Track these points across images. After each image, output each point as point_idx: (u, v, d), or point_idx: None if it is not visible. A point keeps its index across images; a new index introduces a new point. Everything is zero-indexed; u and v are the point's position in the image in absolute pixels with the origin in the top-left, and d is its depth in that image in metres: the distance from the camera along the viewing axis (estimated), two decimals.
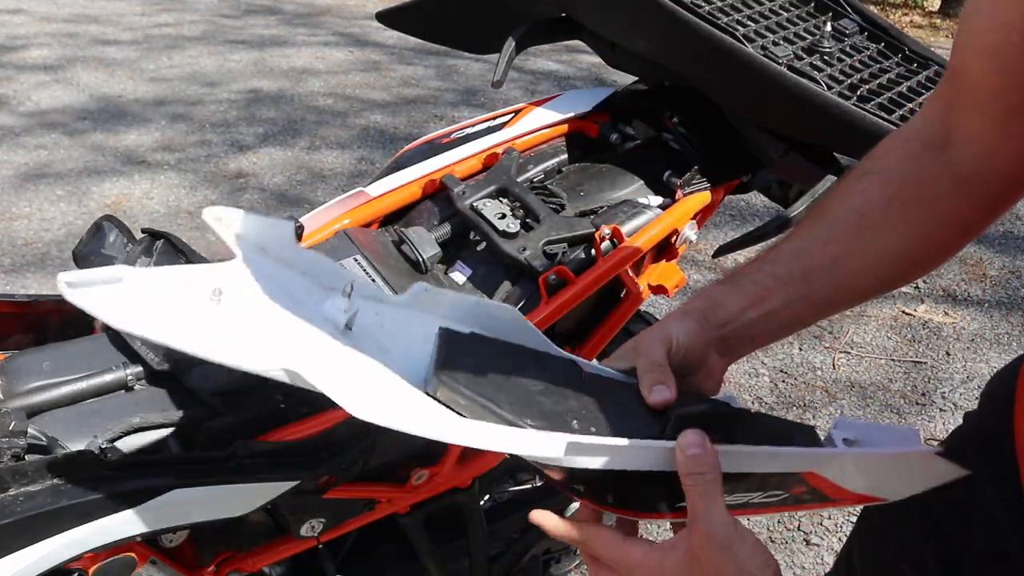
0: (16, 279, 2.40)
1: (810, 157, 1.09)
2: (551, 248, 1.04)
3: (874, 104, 1.02)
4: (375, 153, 3.38)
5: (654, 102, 1.24)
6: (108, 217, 0.99)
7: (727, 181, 1.18)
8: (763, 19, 1.13)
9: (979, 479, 0.72)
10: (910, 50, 1.19)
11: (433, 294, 0.62)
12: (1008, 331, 2.54)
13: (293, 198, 2.98)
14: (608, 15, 1.15)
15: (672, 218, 1.09)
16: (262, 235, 0.62)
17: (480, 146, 1.17)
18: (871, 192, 0.66)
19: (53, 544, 0.69)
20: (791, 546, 1.75)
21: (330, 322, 0.58)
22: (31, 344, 0.94)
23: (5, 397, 0.81)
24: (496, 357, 0.58)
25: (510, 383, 0.56)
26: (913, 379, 2.30)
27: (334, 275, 0.62)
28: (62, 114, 3.50)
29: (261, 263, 0.61)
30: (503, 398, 0.54)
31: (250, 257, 0.60)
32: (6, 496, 0.69)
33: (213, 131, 3.47)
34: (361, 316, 0.60)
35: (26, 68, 3.95)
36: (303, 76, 4.18)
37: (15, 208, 2.76)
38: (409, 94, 4.08)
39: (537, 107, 1.22)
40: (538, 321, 0.99)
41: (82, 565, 0.77)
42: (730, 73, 1.05)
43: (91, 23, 4.72)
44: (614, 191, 1.14)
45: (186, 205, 2.87)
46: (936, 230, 0.65)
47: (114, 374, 0.85)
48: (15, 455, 0.72)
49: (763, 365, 2.30)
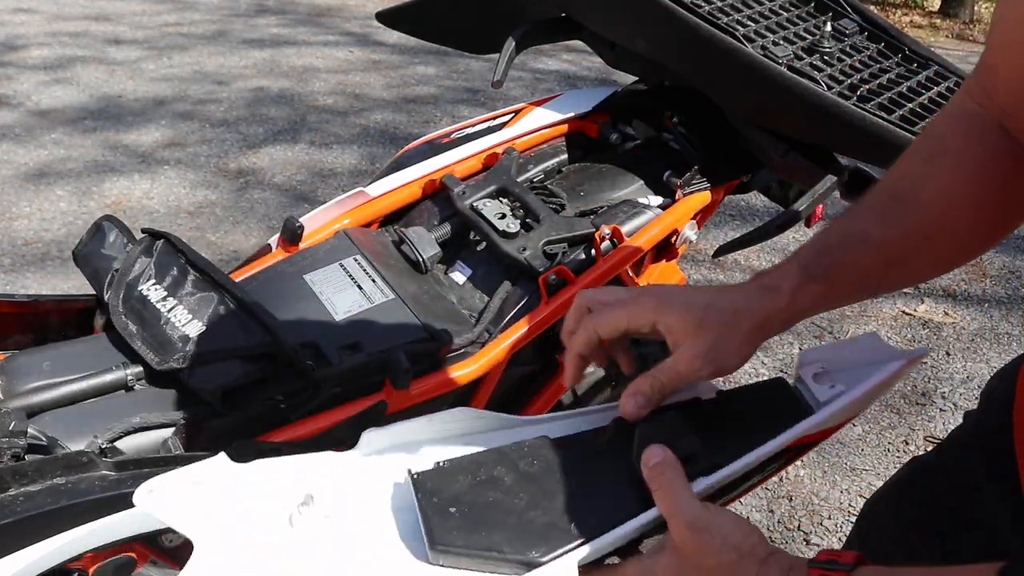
0: (16, 279, 2.39)
1: (810, 157, 1.09)
2: (551, 248, 1.04)
3: (874, 104, 1.02)
4: (376, 153, 3.38)
5: (654, 102, 1.24)
6: (108, 217, 0.99)
7: (727, 181, 1.18)
8: (763, 19, 1.13)
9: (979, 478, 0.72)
10: (910, 50, 1.19)
11: (381, 435, 0.62)
12: (1008, 331, 2.54)
13: (294, 198, 2.98)
14: (608, 15, 1.15)
15: (672, 218, 1.10)
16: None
17: (480, 146, 1.17)
18: (952, 175, 0.64)
19: (53, 544, 0.69)
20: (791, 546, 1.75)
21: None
22: (31, 344, 0.94)
23: (5, 397, 0.81)
24: (472, 484, 0.58)
25: (498, 512, 0.57)
26: (913, 379, 2.30)
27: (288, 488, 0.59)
28: (62, 114, 3.50)
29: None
30: (500, 539, 0.55)
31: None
32: (6, 496, 0.69)
33: (214, 131, 3.46)
34: (324, 504, 0.58)
35: (26, 67, 3.95)
36: (304, 76, 4.18)
37: (15, 208, 2.76)
38: (410, 94, 4.08)
39: (537, 107, 1.23)
40: (538, 321, 0.99)
41: (82, 565, 0.77)
42: (730, 73, 1.05)
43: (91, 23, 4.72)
44: (614, 191, 1.14)
45: (186, 205, 2.87)
46: (1016, 200, 0.64)
47: (114, 374, 0.85)
48: (15, 455, 0.72)
49: (763, 364, 2.30)
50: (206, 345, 0.86)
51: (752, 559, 0.52)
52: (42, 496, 0.70)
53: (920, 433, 2.08)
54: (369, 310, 0.97)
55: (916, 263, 0.66)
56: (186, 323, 0.87)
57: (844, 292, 0.64)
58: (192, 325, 0.87)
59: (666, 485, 0.55)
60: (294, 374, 0.87)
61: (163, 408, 0.84)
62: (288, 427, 0.86)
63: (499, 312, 1.01)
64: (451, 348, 0.96)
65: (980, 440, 0.74)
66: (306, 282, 1.00)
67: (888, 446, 2.02)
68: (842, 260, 0.63)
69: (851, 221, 0.65)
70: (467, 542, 0.55)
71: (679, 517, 0.54)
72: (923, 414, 2.16)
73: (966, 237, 0.66)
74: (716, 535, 0.52)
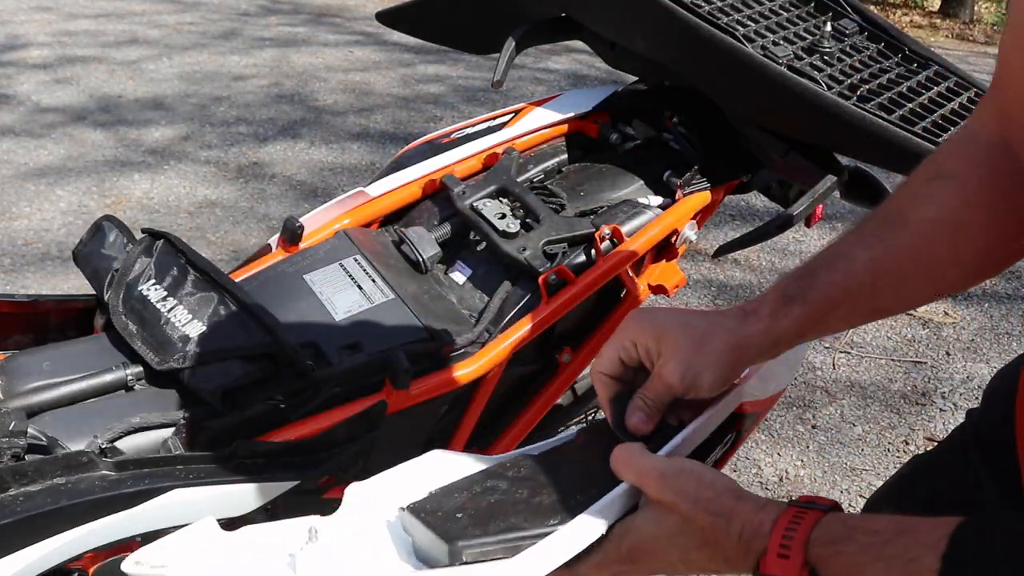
0: (16, 279, 2.39)
1: (810, 157, 1.09)
2: (551, 248, 1.04)
3: (874, 104, 1.02)
4: (376, 152, 3.38)
5: (654, 102, 1.24)
6: (108, 217, 0.99)
7: (727, 181, 1.18)
8: (763, 19, 1.13)
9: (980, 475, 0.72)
10: (910, 50, 1.19)
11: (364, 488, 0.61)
12: (1008, 331, 2.54)
13: (294, 197, 2.98)
14: (608, 15, 1.15)
15: (672, 218, 1.09)
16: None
17: (480, 146, 1.17)
18: (945, 196, 0.63)
19: (53, 544, 0.69)
20: None
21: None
22: (31, 344, 0.94)
23: (5, 397, 0.81)
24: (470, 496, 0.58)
25: (504, 506, 0.57)
26: (913, 379, 2.30)
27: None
28: (63, 113, 3.50)
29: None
30: (517, 521, 0.55)
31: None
32: (6, 496, 0.69)
33: (214, 131, 3.46)
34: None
35: (27, 67, 3.95)
36: (305, 76, 4.18)
37: (15, 208, 2.76)
38: (410, 94, 4.08)
39: (537, 107, 1.22)
40: (538, 321, 0.99)
41: (82, 565, 0.77)
42: (730, 73, 1.05)
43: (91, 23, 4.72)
44: (614, 191, 1.14)
45: (186, 205, 2.87)
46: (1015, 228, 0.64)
47: (114, 374, 0.85)
48: (15, 455, 0.72)
49: None
50: (206, 345, 0.85)
51: (729, 495, 0.54)
52: (42, 496, 0.70)
53: (920, 433, 2.08)
54: (369, 310, 0.97)
55: (910, 285, 0.65)
56: (186, 323, 0.87)
57: (832, 314, 0.64)
58: (192, 325, 0.87)
59: (627, 458, 0.57)
60: (294, 374, 0.87)
61: (163, 408, 0.84)
62: (288, 427, 0.86)
63: (499, 312, 1.01)
64: (451, 348, 0.96)
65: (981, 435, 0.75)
66: (306, 282, 0.99)
67: (888, 446, 2.02)
68: (825, 281, 0.63)
69: (839, 243, 0.66)
70: (485, 531, 0.54)
71: (650, 473, 0.56)
72: (923, 414, 2.16)
73: (965, 261, 0.65)
74: (691, 477, 0.55)
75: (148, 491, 0.74)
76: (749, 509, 0.52)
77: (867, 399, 2.21)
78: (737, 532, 0.52)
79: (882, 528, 0.49)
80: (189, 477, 0.77)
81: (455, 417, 1.04)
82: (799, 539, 0.49)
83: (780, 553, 0.50)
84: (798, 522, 0.50)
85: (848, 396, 2.21)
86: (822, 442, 2.03)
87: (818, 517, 0.50)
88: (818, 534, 0.50)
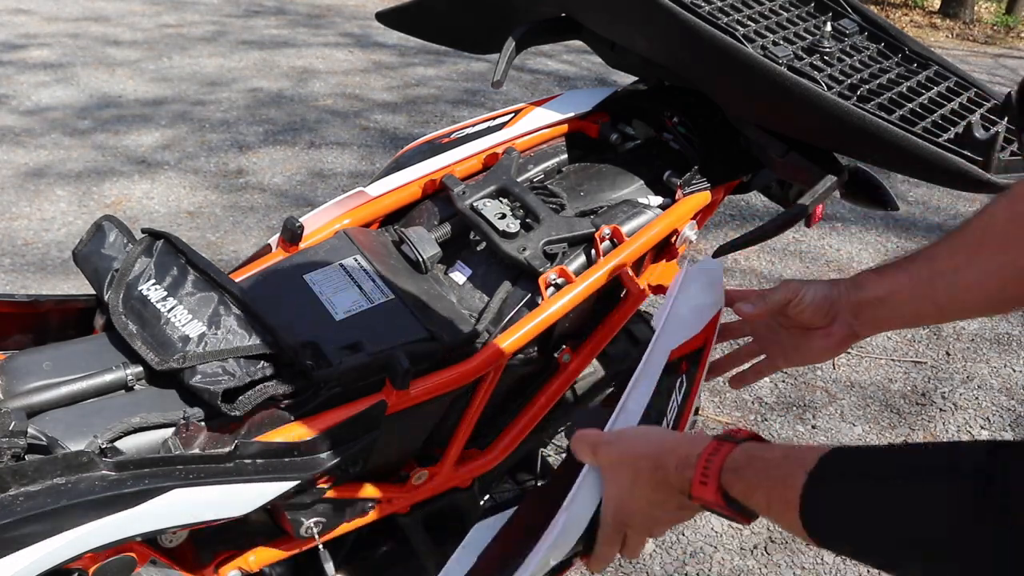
0: (16, 279, 2.40)
1: (810, 157, 1.08)
2: (551, 248, 1.04)
3: (874, 104, 1.02)
4: (376, 153, 3.38)
5: (654, 102, 1.24)
6: (108, 217, 0.99)
7: (727, 181, 1.18)
8: (763, 19, 1.13)
9: None
10: (910, 50, 1.18)
11: None
12: (1008, 331, 2.54)
13: (293, 198, 2.98)
14: (608, 15, 1.15)
15: (672, 218, 1.09)
16: None
17: (480, 146, 1.17)
18: (997, 208, 0.68)
19: (53, 544, 0.69)
20: (791, 546, 1.75)
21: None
22: (31, 344, 0.94)
23: (5, 397, 0.81)
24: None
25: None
26: (913, 379, 2.30)
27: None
28: (62, 114, 3.50)
29: None
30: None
31: None
32: (6, 496, 0.69)
33: (214, 131, 3.47)
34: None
35: (27, 67, 3.95)
36: (304, 76, 4.18)
37: (15, 208, 2.76)
38: (410, 94, 4.08)
39: (537, 107, 1.22)
40: (538, 321, 0.99)
41: (82, 565, 0.77)
42: (730, 73, 1.05)
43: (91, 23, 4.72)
44: (614, 191, 1.14)
45: (186, 205, 2.87)
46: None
47: (114, 374, 0.85)
48: (15, 455, 0.73)
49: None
50: (206, 345, 0.86)
51: (663, 439, 0.64)
52: (42, 496, 0.70)
53: (920, 433, 2.08)
54: (369, 310, 0.97)
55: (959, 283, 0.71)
56: (186, 323, 0.87)
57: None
58: (192, 325, 0.87)
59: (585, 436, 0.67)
60: (294, 374, 0.87)
61: (163, 408, 0.84)
62: (288, 427, 0.86)
63: (499, 312, 1.01)
64: (451, 348, 0.96)
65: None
66: (306, 282, 1.00)
67: None
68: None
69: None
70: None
71: (599, 444, 0.65)
72: (923, 414, 2.16)
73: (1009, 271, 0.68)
74: (631, 435, 0.66)
75: (148, 491, 0.74)
76: (681, 446, 0.61)
77: (867, 399, 2.21)
78: (674, 466, 0.61)
79: (774, 456, 0.56)
80: (189, 477, 0.77)
81: (455, 417, 1.04)
82: (715, 467, 0.58)
83: (701, 480, 0.58)
84: (716, 453, 0.59)
85: (848, 396, 2.21)
86: (822, 442, 2.03)
87: (731, 449, 0.58)
88: (729, 463, 0.58)
